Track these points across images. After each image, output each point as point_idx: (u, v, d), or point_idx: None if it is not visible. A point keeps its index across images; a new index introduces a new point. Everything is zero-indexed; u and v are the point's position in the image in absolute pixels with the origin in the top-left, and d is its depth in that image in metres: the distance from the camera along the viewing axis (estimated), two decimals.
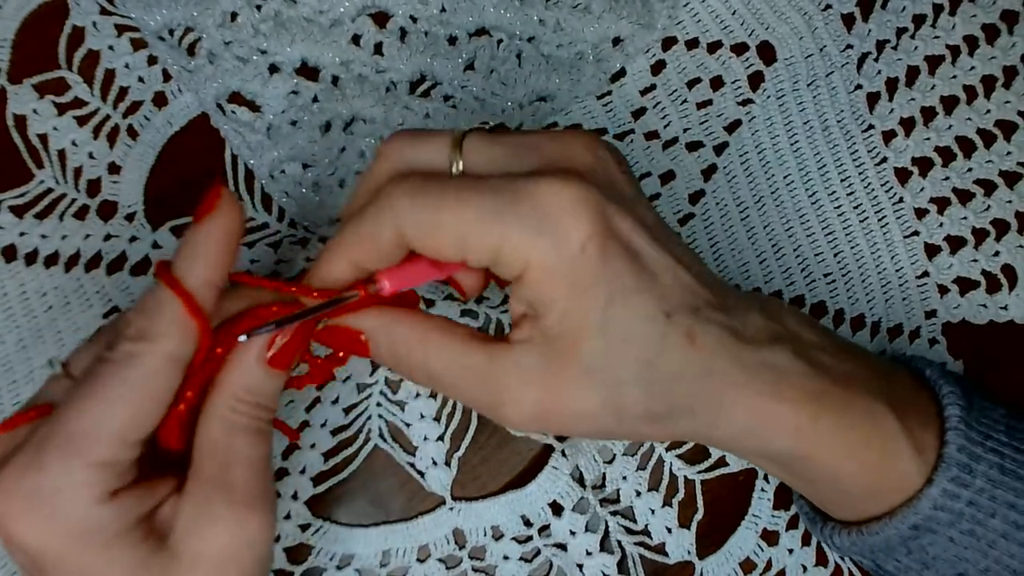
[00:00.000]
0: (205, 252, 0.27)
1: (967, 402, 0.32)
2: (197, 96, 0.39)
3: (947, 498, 0.30)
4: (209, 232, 0.27)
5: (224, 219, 0.27)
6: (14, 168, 0.39)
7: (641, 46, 0.42)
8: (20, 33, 0.39)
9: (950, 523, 0.31)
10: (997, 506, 0.30)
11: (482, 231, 0.26)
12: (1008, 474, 0.30)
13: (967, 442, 0.30)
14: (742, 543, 0.39)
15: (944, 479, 0.30)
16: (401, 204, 0.27)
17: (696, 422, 0.29)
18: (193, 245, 0.27)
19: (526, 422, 0.28)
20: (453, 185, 0.27)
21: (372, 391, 0.39)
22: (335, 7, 0.40)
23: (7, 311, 0.39)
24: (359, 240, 0.28)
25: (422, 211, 0.27)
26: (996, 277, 0.41)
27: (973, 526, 0.31)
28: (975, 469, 0.30)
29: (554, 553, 0.38)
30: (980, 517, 0.31)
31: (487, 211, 0.26)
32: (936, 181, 0.42)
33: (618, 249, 0.27)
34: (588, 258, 0.26)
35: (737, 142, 0.42)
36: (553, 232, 0.26)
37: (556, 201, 0.26)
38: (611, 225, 0.27)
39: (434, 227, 0.27)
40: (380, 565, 0.38)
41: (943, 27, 0.42)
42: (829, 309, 0.41)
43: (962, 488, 0.30)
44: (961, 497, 0.30)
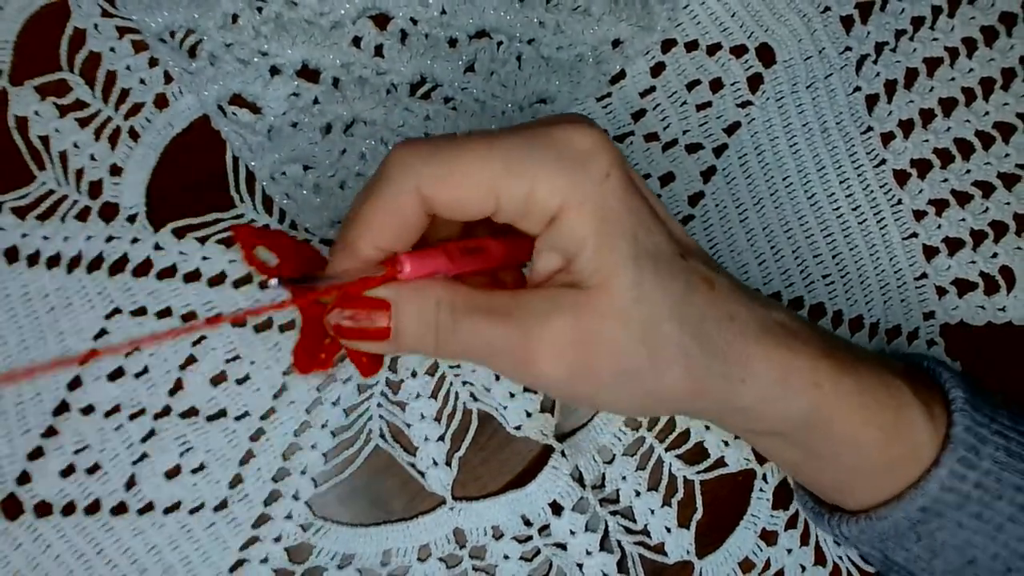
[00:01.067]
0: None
1: (970, 387, 0.32)
2: (198, 98, 0.40)
3: (955, 479, 0.30)
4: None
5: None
6: (16, 170, 0.39)
7: (641, 48, 0.42)
8: (22, 35, 0.39)
9: (958, 506, 0.30)
10: (1004, 488, 0.30)
11: (513, 175, 0.26)
12: (1014, 456, 0.30)
13: (973, 423, 0.30)
14: (741, 543, 0.39)
15: (952, 460, 0.30)
16: (415, 164, 0.26)
17: (728, 370, 0.28)
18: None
19: (558, 379, 0.27)
20: (467, 138, 0.27)
21: (373, 392, 0.39)
22: (336, 9, 0.40)
23: (10, 312, 0.39)
24: (376, 214, 0.27)
25: (441, 166, 0.26)
26: (994, 279, 0.41)
27: (981, 509, 0.30)
28: (982, 451, 0.30)
29: (554, 553, 0.39)
30: (987, 499, 0.30)
31: (515, 155, 0.26)
32: (934, 183, 0.42)
33: (635, 184, 0.27)
34: (613, 187, 0.26)
35: (736, 144, 0.42)
36: (582, 166, 0.26)
37: (578, 139, 0.26)
38: (625, 164, 0.27)
39: (461, 178, 0.26)
40: (381, 565, 0.38)
41: (942, 29, 0.42)
42: (828, 310, 0.41)
43: (969, 469, 0.30)
44: (968, 479, 0.30)
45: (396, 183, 0.26)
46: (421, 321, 0.27)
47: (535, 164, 0.26)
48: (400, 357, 0.40)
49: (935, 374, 0.33)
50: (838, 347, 0.31)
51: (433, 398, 0.39)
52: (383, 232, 0.27)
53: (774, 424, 0.30)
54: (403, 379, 0.39)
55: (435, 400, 0.39)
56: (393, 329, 0.28)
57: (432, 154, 0.26)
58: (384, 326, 0.27)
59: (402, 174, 0.26)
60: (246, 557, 0.38)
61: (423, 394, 0.39)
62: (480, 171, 0.26)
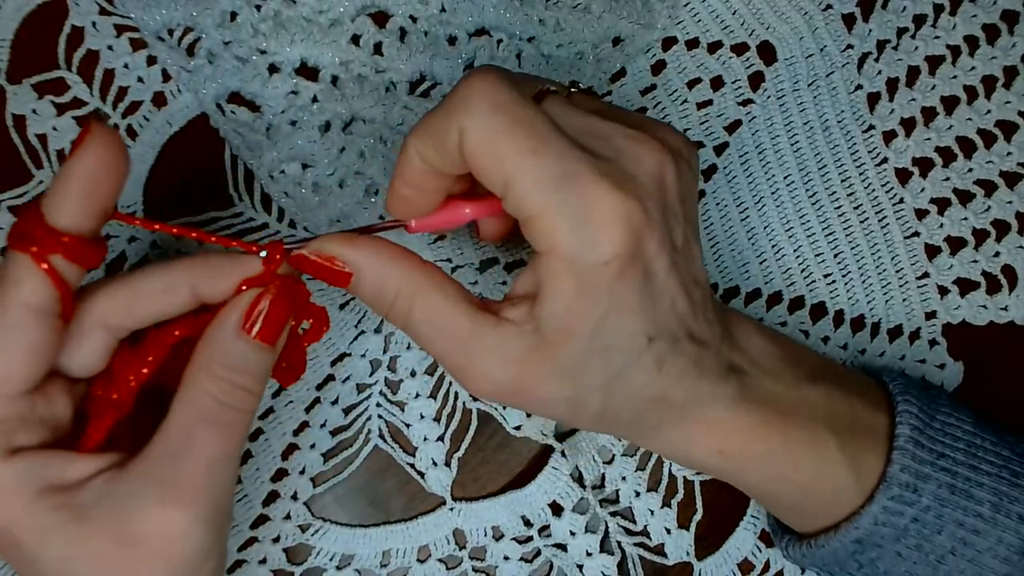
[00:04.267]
0: (67, 196, 0.26)
1: (924, 420, 0.32)
2: (196, 96, 0.39)
3: (889, 515, 0.31)
4: (73, 171, 0.25)
5: (91, 157, 0.26)
6: (13, 168, 0.39)
7: (641, 46, 0.42)
8: (19, 33, 0.39)
9: (895, 538, 0.31)
10: (944, 523, 0.31)
11: (530, 192, 0.26)
12: (958, 493, 0.31)
13: (913, 461, 0.31)
14: (740, 544, 0.39)
15: (884, 498, 0.31)
16: (477, 109, 0.26)
17: (635, 433, 0.31)
18: (56, 188, 0.26)
19: (486, 395, 0.29)
20: (529, 121, 0.26)
21: (372, 392, 0.39)
22: (335, 7, 0.40)
23: None
24: (428, 131, 0.27)
25: (491, 127, 0.26)
26: (996, 278, 0.41)
27: (920, 541, 0.31)
28: (921, 488, 0.31)
29: (554, 553, 0.38)
30: (926, 533, 0.31)
31: (544, 175, 0.26)
32: (936, 182, 0.41)
33: (636, 273, 0.27)
34: (607, 273, 0.26)
35: (737, 142, 0.42)
36: (588, 235, 0.26)
37: (602, 207, 0.26)
38: (640, 247, 0.27)
39: (492, 155, 0.26)
40: (380, 565, 0.38)
41: (943, 27, 0.42)
42: (829, 310, 0.41)
43: (905, 506, 0.31)
44: (905, 514, 0.31)
45: (451, 112, 0.26)
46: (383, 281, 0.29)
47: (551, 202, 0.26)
48: (400, 356, 0.39)
49: (894, 403, 0.33)
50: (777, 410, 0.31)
51: (433, 398, 0.39)
52: (427, 141, 0.28)
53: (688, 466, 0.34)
54: (402, 379, 0.39)
55: (435, 400, 0.39)
56: (353, 281, 0.29)
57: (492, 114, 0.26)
58: (347, 272, 0.29)
59: (461, 112, 0.26)
60: (244, 558, 0.38)
61: (422, 394, 0.39)
62: (511, 166, 0.26)
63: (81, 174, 0.26)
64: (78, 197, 0.26)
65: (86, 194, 0.26)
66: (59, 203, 0.26)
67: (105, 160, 0.26)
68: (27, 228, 0.26)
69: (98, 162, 0.26)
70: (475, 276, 0.40)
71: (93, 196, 0.26)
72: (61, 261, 0.26)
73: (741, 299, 0.41)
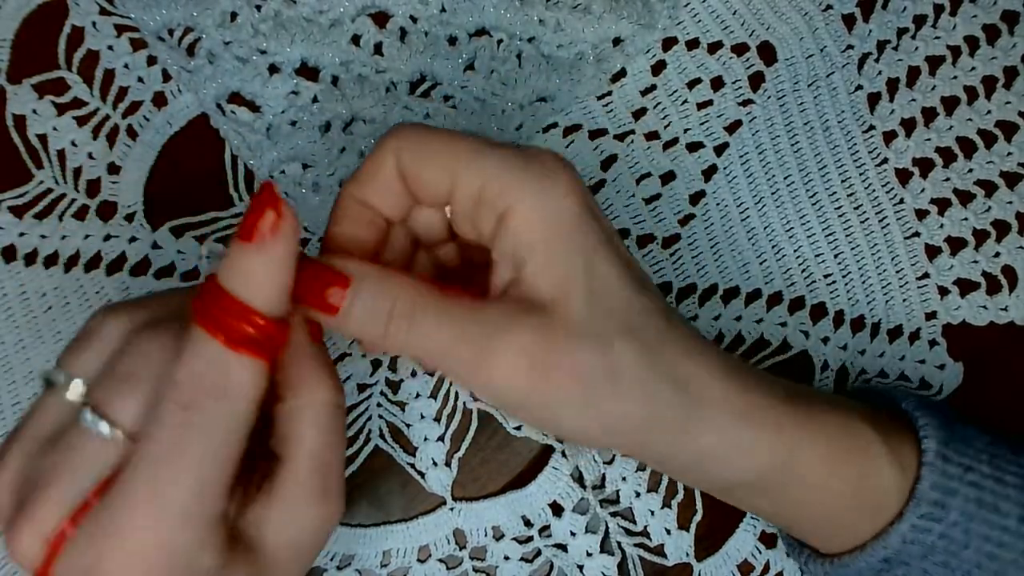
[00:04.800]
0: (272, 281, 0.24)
1: (946, 433, 0.32)
2: (197, 96, 0.39)
3: (918, 532, 0.30)
4: (275, 256, 0.24)
5: (289, 241, 0.24)
6: (14, 168, 0.39)
7: (641, 46, 0.42)
8: (20, 33, 0.39)
9: (922, 555, 0.31)
10: (971, 538, 0.31)
11: (470, 164, 0.27)
12: (984, 507, 0.31)
13: (943, 477, 0.30)
14: (740, 545, 0.39)
15: (914, 515, 0.30)
16: (401, 131, 0.28)
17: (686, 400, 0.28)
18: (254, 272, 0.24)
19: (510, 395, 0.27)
20: (453, 131, 0.28)
21: (372, 391, 0.39)
22: (335, 7, 0.40)
23: (6, 311, 0.39)
24: (363, 171, 0.28)
25: (419, 137, 0.27)
26: (996, 278, 0.41)
27: (947, 558, 0.31)
28: (949, 503, 0.30)
29: (555, 554, 0.38)
30: (953, 549, 0.31)
31: (477, 147, 0.27)
32: (937, 182, 0.41)
33: (594, 213, 0.27)
34: (569, 206, 0.27)
35: (738, 142, 0.42)
36: (541, 174, 0.27)
37: (544, 155, 0.27)
38: (590, 196, 0.28)
39: (429, 153, 0.27)
40: (381, 565, 0.38)
41: (944, 27, 0.42)
42: (829, 310, 0.41)
43: (933, 523, 0.30)
44: (933, 531, 0.30)
45: (382, 145, 0.28)
46: (374, 309, 0.27)
47: (495, 164, 0.27)
48: (400, 356, 0.39)
49: (912, 419, 0.32)
50: (800, 393, 0.31)
51: (433, 398, 0.39)
52: (366, 186, 0.28)
53: (734, 472, 0.30)
54: (403, 379, 0.39)
55: (435, 400, 0.39)
56: (343, 309, 0.26)
57: (416, 129, 0.28)
58: (334, 304, 0.26)
59: (388, 138, 0.28)
60: None
61: (423, 394, 0.39)
62: (443, 155, 0.27)
63: (281, 257, 0.24)
64: (282, 281, 0.24)
65: (287, 277, 0.25)
66: (265, 290, 0.24)
67: (297, 242, 0.25)
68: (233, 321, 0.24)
69: (295, 244, 0.25)
70: None
71: (289, 279, 0.25)
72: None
73: (741, 299, 0.41)
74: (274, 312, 0.24)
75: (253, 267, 0.24)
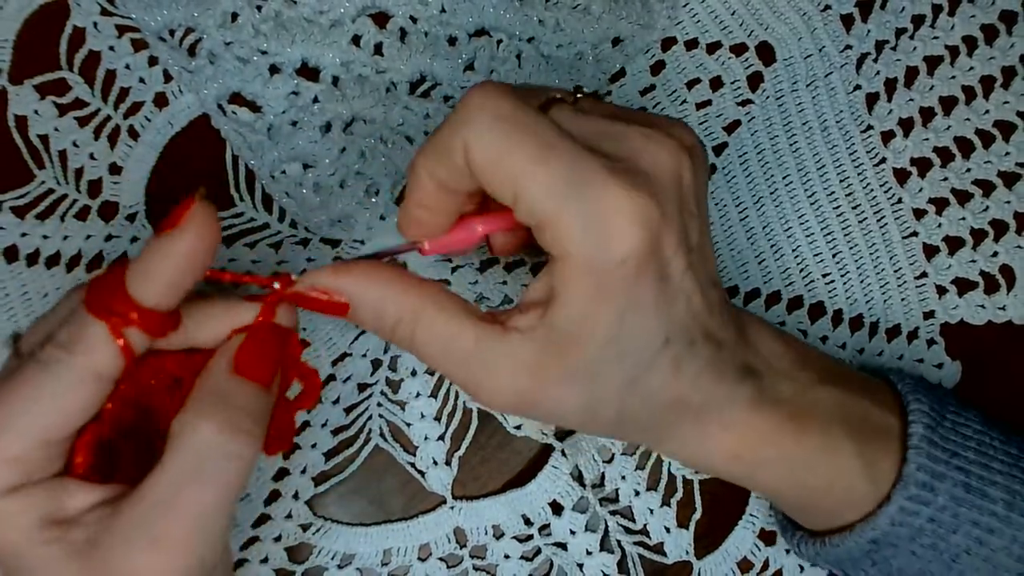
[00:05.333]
0: (157, 275, 0.25)
1: (936, 419, 0.32)
2: (198, 97, 0.40)
3: (905, 515, 0.31)
4: (168, 251, 0.25)
5: (188, 240, 0.25)
6: (15, 169, 0.39)
7: (640, 46, 0.42)
8: (21, 34, 0.39)
9: (911, 538, 0.31)
10: (960, 523, 0.31)
11: (541, 198, 0.25)
12: (973, 492, 0.31)
13: (929, 460, 0.31)
14: (739, 543, 0.39)
15: (901, 497, 0.31)
16: (479, 121, 0.26)
17: (651, 438, 0.31)
18: (146, 262, 0.26)
19: (500, 407, 0.28)
20: (534, 128, 0.26)
21: (373, 391, 0.39)
22: (335, 8, 0.40)
23: (9, 311, 0.39)
24: (434, 149, 0.27)
25: (494, 138, 0.26)
26: (994, 278, 0.41)
27: (935, 540, 0.31)
28: (937, 487, 0.31)
29: (554, 552, 0.39)
30: (942, 533, 0.31)
31: (554, 180, 0.25)
32: (934, 182, 0.42)
33: (653, 272, 0.26)
34: (623, 273, 0.26)
35: (736, 142, 0.42)
36: (602, 237, 0.25)
37: (616, 207, 0.25)
38: (657, 246, 0.26)
39: (498, 165, 0.26)
40: (381, 564, 0.38)
41: (942, 28, 0.42)
42: (827, 309, 0.41)
43: (922, 505, 0.31)
44: (921, 514, 0.31)
45: (454, 127, 0.26)
46: (378, 320, 0.28)
47: (563, 205, 0.25)
48: (401, 356, 0.40)
49: (904, 403, 0.33)
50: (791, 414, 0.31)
51: (433, 397, 0.39)
52: (436, 161, 0.27)
53: (711, 469, 0.32)
54: (403, 378, 0.39)
55: (435, 399, 0.39)
56: (351, 308, 0.28)
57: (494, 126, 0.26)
58: (343, 302, 0.28)
59: (463, 126, 0.26)
60: (246, 557, 0.38)
61: (423, 393, 0.39)
62: (519, 175, 0.25)
63: (177, 254, 0.25)
64: (170, 277, 0.26)
65: (179, 274, 0.26)
66: (148, 282, 0.25)
67: (204, 242, 0.26)
68: (109, 299, 0.25)
69: (197, 244, 0.25)
70: (475, 276, 0.40)
71: (185, 276, 0.26)
72: (134, 332, 0.26)
73: (740, 299, 0.41)
74: (154, 304, 0.26)
75: (150, 258, 0.26)
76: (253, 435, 0.26)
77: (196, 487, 0.25)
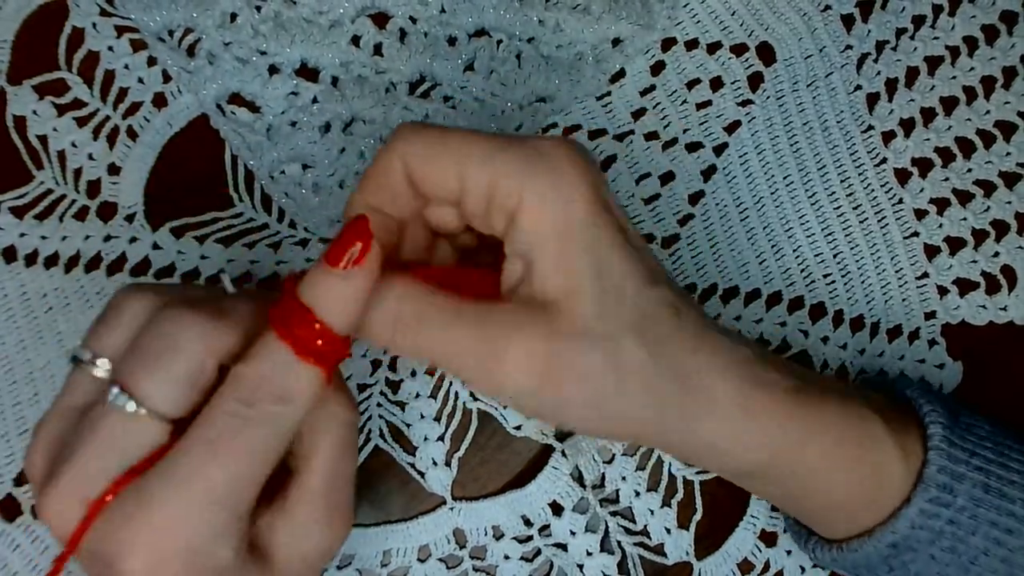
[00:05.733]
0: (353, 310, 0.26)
1: (950, 420, 0.32)
2: (197, 97, 0.39)
3: (926, 517, 0.30)
4: (359, 288, 0.26)
5: (370, 275, 0.26)
6: (14, 169, 0.39)
7: (641, 47, 0.42)
8: (20, 34, 0.39)
9: (930, 541, 0.31)
10: (979, 524, 0.31)
11: (481, 162, 0.26)
12: (991, 492, 0.31)
13: (949, 461, 0.31)
14: (740, 544, 0.39)
15: (922, 499, 0.30)
16: (406, 134, 0.27)
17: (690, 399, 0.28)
18: (341, 300, 0.26)
19: (520, 397, 0.27)
20: (459, 129, 0.28)
21: (372, 391, 0.39)
22: (335, 8, 0.40)
23: (7, 312, 0.39)
24: (370, 177, 0.28)
25: (426, 139, 0.27)
26: (995, 278, 0.41)
27: (954, 543, 0.31)
28: (957, 488, 0.30)
29: (554, 553, 0.39)
30: (961, 534, 0.31)
31: (488, 146, 0.27)
32: (935, 182, 0.42)
33: (608, 206, 0.27)
34: (580, 201, 0.26)
35: (737, 143, 0.42)
36: (549, 171, 0.26)
37: (555, 148, 0.27)
38: (602, 188, 0.27)
39: (436, 155, 0.27)
40: (381, 565, 0.38)
41: (942, 28, 0.42)
42: (828, 310, 0.41)
43: (942, 508, 0.30)
44: (941, 516, 0.30)
45: (388, 149, 0.28)
46: (379, 318, 0.28)
47: (504, 160, 0.27)
48: (400, 356, 0.40)
49: (917, 405, 0.33)
50: (809, 382, 0.30)
51: (433, 398, 0.39)
52: (374, 192, 0.28)
53: (741, 464, 0.30)
54: (403, 379, 0.39)
55: (435, 400, 0.39)
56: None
57: (422, 131, 0.27)
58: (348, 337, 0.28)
59: (395, 142, 0.28)
60: None
61: (423, 394, 0.39)
62: (456, 153, 0.27)
63: (364, 290, 0.26)
64: (360, 310, 0.26)
65: (364, 305, 0.26)
66: (346, 316, 0.26)
67: (375, 275, 0.26)
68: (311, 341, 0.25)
69: (375, 273, 0.26)
70: None
71: (364, 303, 0.26)
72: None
73: (741, 299, 0.41)
74: (343, 332, 0.26)
75: (335, 290, 0.26)
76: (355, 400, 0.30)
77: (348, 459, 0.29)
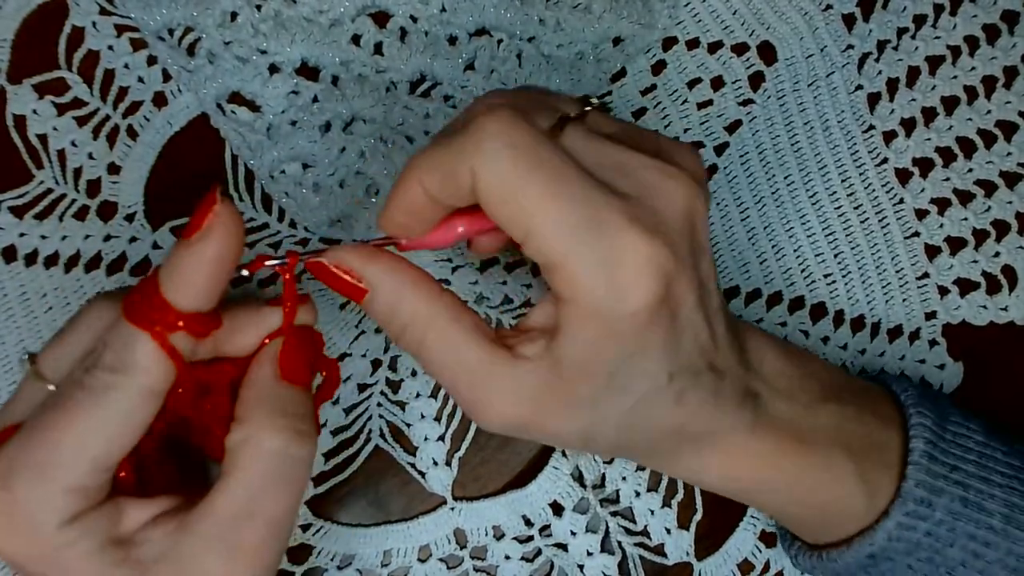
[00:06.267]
0: (192, 279, 0.25)
1: (937, 433, 0.32)
2: (197, 96, 0.39)
3: (903, 529, 0.31)
4: (200, 255, 0.25)
5: (218, 241, 0.25)
6: (14, 168, 0.39)
7: (641, 46, 0.42)
8: (20, 33, 0.39)
9: (907, 551, 0.31)
10: (956, 536, 0.31)
11: (553, 240, 0.25)
12: (970, 506, 0.31)
13: (928, 476, 0.31)
14: (740, 544, 0.39)
15: (900, 513, 0.31)
16: (492, 152, 0.25)
17: (648, 460, 0.32)
18: (179, 268, 0.25)
19: (497, 429, 0.28)
20: (549, 162, 0.25)
21: (373, 391, 0.39)
22: (335, 7, 0.40)
23: (7, 312, 0.39)
24: (436, 166, 0.26)
25: (507, 176, 0.25)
26: (996, 278, 0.41)
27: (932, 554, 0.31)
28: (935, 502, 0.31)
29: (555, 553, 0.39)
30: (938, 547, 0.31)
31: (567, 221, 0.25)
32: (936, 182, 0.41)
33: (663, 316, 0.26)
34: (634, 322, 0.25)
35: (738, 142, 0.42)
36: (615, 285, 0.25)
37: (631, 255, 0.25)
38: (670, 292, 0.26)
39: (510, 201, 0.25)
40: (381, 565, 0.38)
41: (944, 27, 0.42)
42: (829, 310, 0.41)
43: (919, 520, 0.31)
44: (918, 528, 0.31)
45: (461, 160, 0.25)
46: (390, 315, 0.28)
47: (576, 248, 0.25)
48: (401, 356, 0.39)
49: (907, 416, 0.33)
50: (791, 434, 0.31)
51: (433, 398, 0.39)
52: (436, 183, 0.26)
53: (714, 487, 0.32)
54: (403, 379, 0.39)
55: (435, 400, 0.39)
56: (367, 297, 0.28)
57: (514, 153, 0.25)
58: (363, 288, 0.28)
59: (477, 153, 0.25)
60: None
61: (423, 394, 0.39)
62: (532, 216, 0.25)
63: (207, 257, 0.25)
64: (205, 282, 0.25)
65: (212, 276, 0.25)
66: (184, 286, 0.25)
67: (232, 241, 0.25)
68: (149, 310, 0.25)
69: (226, 246, 0.25)
70: (475, 276, 0.40)
71: (220, 278, 0.26)
72: (180, 338, 0.26)
73: (741, 299, 0.41)
74: (184, 301, 0.25)
75: (175, 257, 0.25)
76: (311, 435, 0.27)
77: (271, 495, 0.26)
